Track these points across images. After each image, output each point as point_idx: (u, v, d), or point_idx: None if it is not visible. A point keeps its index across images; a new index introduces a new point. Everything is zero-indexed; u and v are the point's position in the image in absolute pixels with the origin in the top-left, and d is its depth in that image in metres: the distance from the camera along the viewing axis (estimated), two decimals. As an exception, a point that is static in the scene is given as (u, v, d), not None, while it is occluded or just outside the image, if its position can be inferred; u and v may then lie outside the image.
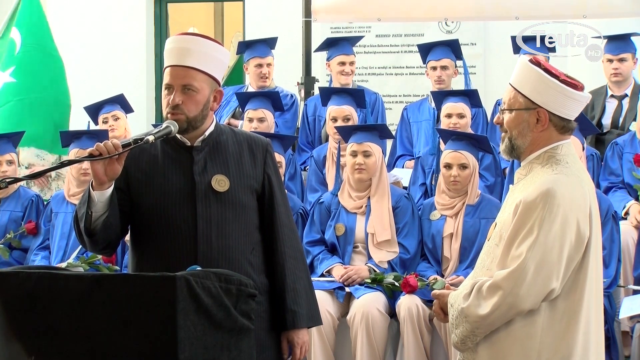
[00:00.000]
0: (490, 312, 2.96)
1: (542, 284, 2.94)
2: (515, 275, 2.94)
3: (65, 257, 5.72)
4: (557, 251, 2.94)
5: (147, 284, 2.88)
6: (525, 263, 2.93)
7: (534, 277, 2.93)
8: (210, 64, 3.31)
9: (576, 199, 3.00)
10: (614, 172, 6.01)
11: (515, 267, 2.94)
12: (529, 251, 2.94)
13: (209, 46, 3.34)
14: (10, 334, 2.93)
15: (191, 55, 3.28)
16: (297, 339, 3.43)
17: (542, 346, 2.98)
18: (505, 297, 2.94)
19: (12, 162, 6.09)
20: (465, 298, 3.04)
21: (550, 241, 2.94)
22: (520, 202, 3.01)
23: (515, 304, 2.94)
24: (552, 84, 3.05)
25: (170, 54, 3.33)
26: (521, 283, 2.93)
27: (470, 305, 3.01)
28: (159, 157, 3.34)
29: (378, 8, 7.17)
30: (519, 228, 2.99)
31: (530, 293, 2.93)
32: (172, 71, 3.29)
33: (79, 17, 9.65)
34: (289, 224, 3.46)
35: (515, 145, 3.13)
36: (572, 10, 6.77)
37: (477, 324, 3.00)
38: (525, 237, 2.96)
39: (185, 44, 3.31)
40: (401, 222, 5.46)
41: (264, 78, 7.04)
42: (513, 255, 2.97)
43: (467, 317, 3.02)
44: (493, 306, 2.96)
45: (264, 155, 3.45)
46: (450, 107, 6.20)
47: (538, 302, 2.96)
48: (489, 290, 2.97)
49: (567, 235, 2.96)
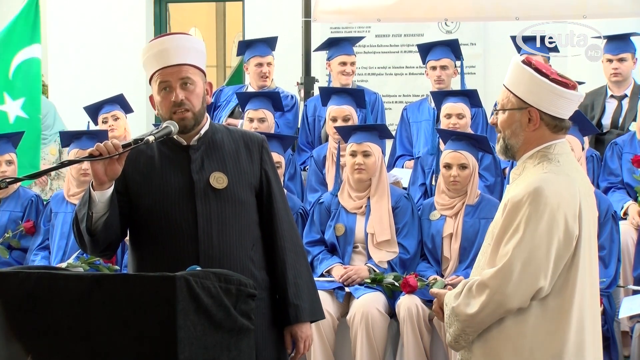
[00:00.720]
0: (479, 310, 2.98)
1: (529, 282, 2.94)
2: (502, 274, 2.95)
3: (65, 257, 5.72)
4: (545, 249, 2.95)
5: (147, 284, 2.89)
6: (511, 262, 2.95)
7: (520, 276, 2.94)
8: (194, 56, 3.31)
9: (564, 198, 3.00)
10: (613, 172, 6.01)
11: (501, 265, 2.96)
12: (515, 249, 2.95)
13: (186, 40, 3.34)
14: (10, 334, 2.93)
15: (176, 53, 3.27)
16: (300, 333, 3.44)
17: (534, 344, 2.99)
18: (492, 296, 2.96)
19: (11, 162, 6.08)
20: (456, 297, 3.06)
21: (537, 239, 2.95)
22: (508, 201, 3.03)
23: (502, 303, 2.95)
24: (542, 83, 3.06)
25: (155, 57, 3.29)
26: (507, 281, 2.94)
27: (460, 305, 3.03)
28: (155, 158, 3.34)
29: (378, 8, 7.17)
30: (506, 227, 3.01)
31: (517, 291, 2.94)
32: (165, 71, 3.27)
33: (78, 17, 9.65)
34: (287, 220, 3.47)
35: (509, 145, 3.15)
36: (572, 11, 6.77)
37: (467, 323, 3.03)
38: (512, 236, 2.98)
39: (167, 44, 3.30)
40: (401, 222, 5.46)
41: (265, 77, 7.03)
42: (500, 253, 2.99)
43: (457, 316, 3.05)
44: (481, 305, 2.98)
45: (260, 151, 3.45)
46: (449, 107, 6.20)
47: (526, 300, 2.97)
48: (477, 289, 3.00)
49: (555, 233, 2.97)
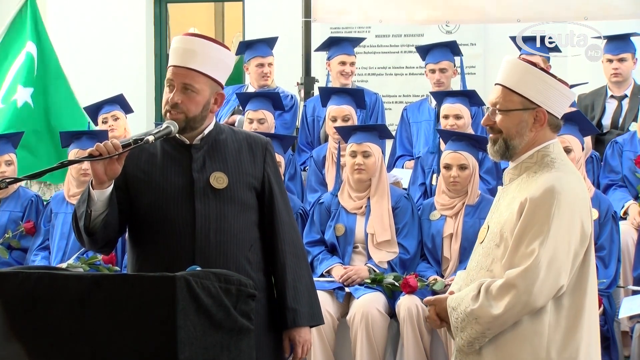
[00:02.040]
0: (504, 311, 2.94)
1: (553, 281, 2.93)
2: (530, 273, 2.92)
3: (65, 258, 5.72)
4: (566, 248, 2.95)
5: (147, 284, 2.88)
6: (538, 260, 2.92)
7: (546, 274, 2.92)
8: (213, 66, 3.31)
9: (579, 196, 3.02)
10: (613, 169, 6.01)
11: (528, 264, 2.93)
12: (541, 248, 2.93)
13: (213, 49, 3.34)
14: (10, 334, 2.93)
15: (195, 57, 3.28)
16: (298, 338, 3.43)
17: (550, 344, 2.98)
18: (519, 296, 2.92)
19: (10, 162, 6.08)
20: (474, 299, 3.00)
21: (559, 238, 2.94)
22: (526, 201, 2.99)
23: (529, 302, 2.93)
24: (553, 83, 3.06)
25: (174, 53, 3.34)
26: (535, 280, 2.92)
27: (482, 306, 2.97)
28: (157, 156, 3.35)
29: (378, 10, 7.17)
30: (526, 226, 2.97)
31: (543, 290, 2.93)
32: (175, 70, 3.30)
33: (79, 17, 9.66)
34: (289, 222, 3.46)
35: (510, 145, 3.10)
36: (573, 12, 6.79)
37: (490, 325, 2.98)
38: (536, 235, 2.95)
39: (191, 45, 3.32)
40: (401, 223, 5.46)
41: (266, 77, 7.05)
42: (524, 253, 2.95)
43: (477, 318, 2.99)
44: (507, 305, 2.94)
45: (264, 153, 3.45)
46: (447, 108, 6.21)
47: (549, 299, 2.96)
48: (501, 290, 2.95)
49: (573, 231, 2.97)
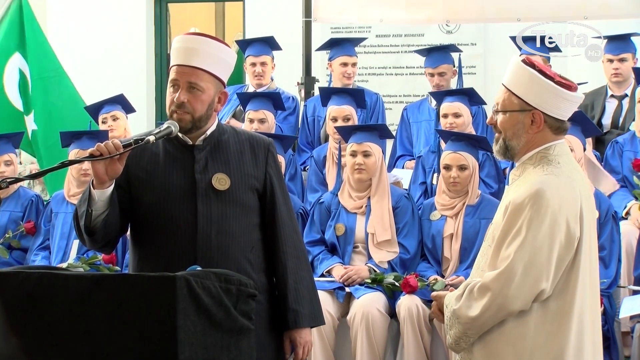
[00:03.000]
0: (481, 313, 2.97)
1: (531, 285, 2.93)
2: (504, 277, 2.94)
3: (66, 258, 5.72)
4: (547, 252, 2.94)
5: (147, 284, 2.88)
6: (513, 264, 2.93)
7: (522, 278, 2.92)
8: (216, 65, 3.32)
9: (566, 199, 2.99)
10: (614, 169, 6.01)
11: (503, 268, 2.95)
12: (517, 252, 2.93)
13: (215, 47, 3.34)
14: (11, 333, 2.93)
15: (198, 56, 3.28)
16: (299, 339, 3.43)
17: (534, 346, 2.98)
18: (494, 299, 2.94)
19: (10, 162, 6.08)
20: (457, 299, 3.05)
21: (539, 242, 2.94)
22: (509, 203, 3.01)
23: (504, 305, 2.94)
24: (548, 86, 3.04)
25: (177, 53, 3.33)
26: (509, 284, 2.93)
27: (462, 307, 3.01)
28: (160, 156, 3.35)
29: (379, 10, 7.18)
30: (507, 229, 2.99)
31: (519, 294, 2.93)
32: (179, 69, 3.30)
33: (79, 17, 9.66)
34: (290, 224, 3.46)
35: (509, 146, 3.13)
36: (572, 12, 6.79)
37: (468, 325, 3.01)
38: (514, 238, 2.96)
39: (193, 44, 3.32)
40: (401, 222, 5.46)
41: (259, 77, 7.06)
42: (502, 256, 2.97)
43: (458, 318, 3.03)
44: (483, 307, 2.96)
45: (266, 154, 3.45)
46: (446, 107, 6.21)
47: (528, 302, 2.96)
48: (479, 292, 2.98)
49: (557, 235, 2.95)
